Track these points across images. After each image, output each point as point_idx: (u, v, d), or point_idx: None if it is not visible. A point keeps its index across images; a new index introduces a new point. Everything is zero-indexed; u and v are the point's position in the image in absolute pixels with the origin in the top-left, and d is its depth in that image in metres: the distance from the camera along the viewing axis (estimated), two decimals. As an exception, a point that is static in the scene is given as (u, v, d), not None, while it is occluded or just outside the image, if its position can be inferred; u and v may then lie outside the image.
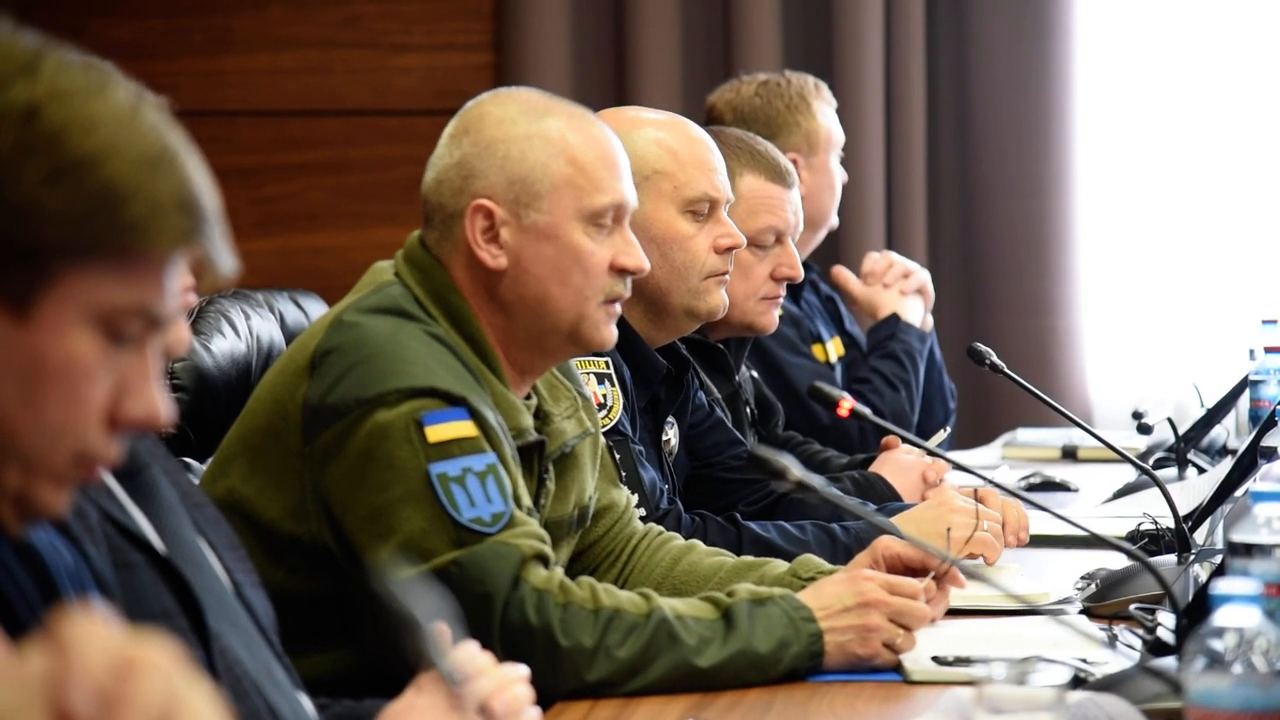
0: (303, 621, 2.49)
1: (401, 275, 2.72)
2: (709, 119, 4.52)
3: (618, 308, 2.75)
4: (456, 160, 2.70)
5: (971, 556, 3.12)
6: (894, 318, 4.66)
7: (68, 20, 5.88)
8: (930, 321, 4.74)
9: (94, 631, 1.32)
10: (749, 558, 2.97)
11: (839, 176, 4.68)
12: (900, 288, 4.72)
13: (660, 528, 3.04)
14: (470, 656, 2.11)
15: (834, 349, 4.66)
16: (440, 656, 1.75)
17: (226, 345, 3.14)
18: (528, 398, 2.77)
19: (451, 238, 2.71)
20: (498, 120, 2.70)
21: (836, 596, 2.63)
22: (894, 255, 4.83)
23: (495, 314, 2.71)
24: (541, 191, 2.68)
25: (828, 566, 2.88)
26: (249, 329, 3.22)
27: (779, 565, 2.91)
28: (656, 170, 3.24)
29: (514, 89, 2.78)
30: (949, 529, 3.08)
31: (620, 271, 2.72)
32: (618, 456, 3.08)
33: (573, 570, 2.87)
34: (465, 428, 2.56)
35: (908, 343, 4.60)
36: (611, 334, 2.75)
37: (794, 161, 3.78)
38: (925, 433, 4.41)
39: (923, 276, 4.76)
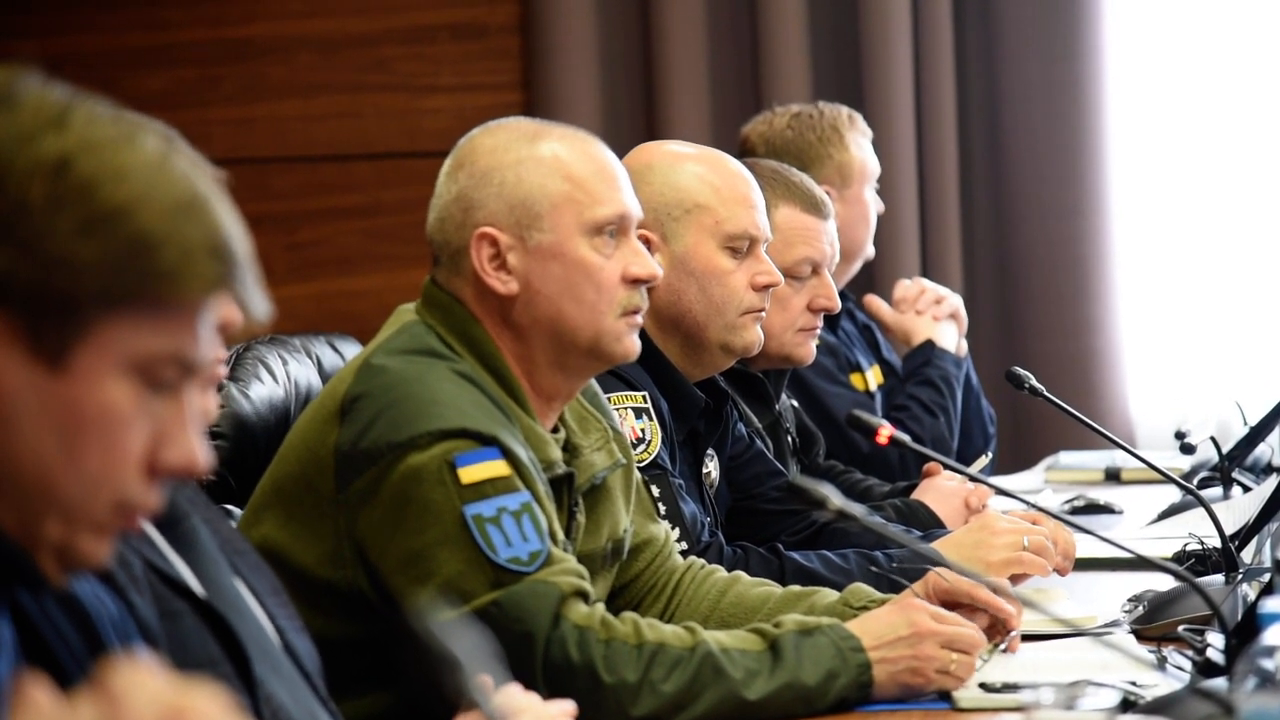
0: (341, 666, 2.48)
1: (423, 316, 2.72)
2: (742, 151, 4.51)
3: (639, 319, 2.74)
4: (454, 195, 2.71)
5: (1017, 579, 3.10)
6: (928, 344, 4.64)
7: (100, 73, 5.91)
8: (965, 346, 4.73)
9: (143, 681, 1.32)
10: (797, 587, 2.95)
11: (874, 207, 4.66)
12: (933, 313, 4.70)
13: (702, 561, 3.02)
14: (515, 696, 2.11)
15: (873, 377, 4.65)
16: (483, 696, 1.74)
17: (265, 391, 3.15)
18: (555, 430, 2.76)
19: (461, 272, 2.71)
20: (490, 149, 2.71)
21: (890, 626, 2.61)
22: (925, 281, 4.82)
23: (514, 341, 2.70)
24: (542, 212, 2.68)
25: (879, 595, 2.85)
26: (286, 374, 3.23)
27: (829, 594, 2.89)
28: (699, 204, 3.24)
29: (504, 120, 2.79)
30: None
31: (633, 282, 2.72)
32: (657, 491, 3.07)
33: (615, 606, 2.85)
34: (498, 467, 2.55)
35: (943, 368, 4.59)
36: (634, 345, 2.74)
37: (828, 194, 3.78)
38: (965, 459, 4.39)
39: (955, 301, 4.74)
